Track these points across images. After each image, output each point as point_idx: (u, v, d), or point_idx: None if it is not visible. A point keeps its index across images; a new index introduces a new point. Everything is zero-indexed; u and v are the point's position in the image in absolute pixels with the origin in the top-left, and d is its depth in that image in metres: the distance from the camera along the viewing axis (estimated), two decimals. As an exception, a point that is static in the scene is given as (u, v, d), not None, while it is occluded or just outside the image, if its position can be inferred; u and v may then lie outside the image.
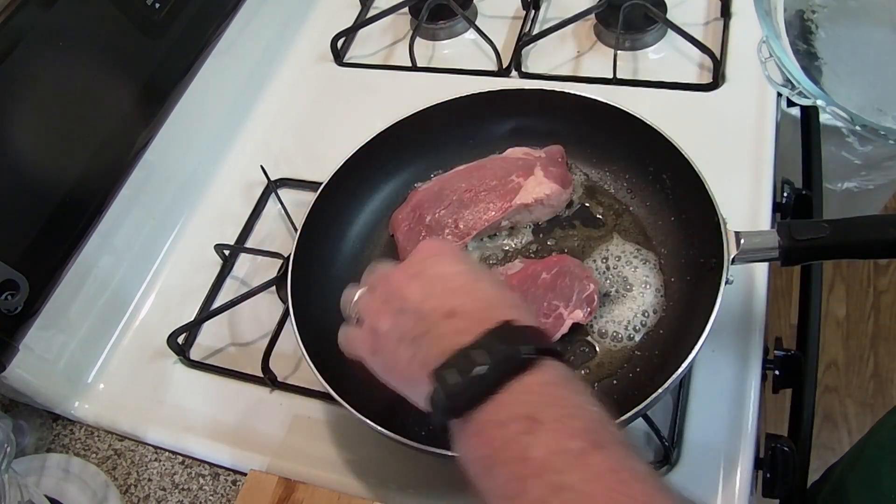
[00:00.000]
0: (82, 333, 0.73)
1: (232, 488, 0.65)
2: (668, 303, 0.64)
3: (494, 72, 0.90)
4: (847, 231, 0.55)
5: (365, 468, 0.63)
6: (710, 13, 0.91)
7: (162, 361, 0.74)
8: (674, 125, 0.66)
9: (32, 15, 0.63)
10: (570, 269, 0.64)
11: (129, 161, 0.74)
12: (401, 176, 0.75)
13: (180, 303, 0.78)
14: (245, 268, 0.80)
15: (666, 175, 0.68)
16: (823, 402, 1.60)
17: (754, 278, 0.68)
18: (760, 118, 0.78)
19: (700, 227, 0.61)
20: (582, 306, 0.62)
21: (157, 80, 0.76)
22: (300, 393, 0.69)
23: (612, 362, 0.62)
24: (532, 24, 0.94)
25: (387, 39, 0.99)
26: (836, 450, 1.55)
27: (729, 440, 0.60)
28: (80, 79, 0.68)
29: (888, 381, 1.63)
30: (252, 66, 0.94)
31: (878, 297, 1.75)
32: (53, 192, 0.66)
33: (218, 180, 0.87)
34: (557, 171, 0.70)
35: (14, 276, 0.61)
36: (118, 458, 0.69)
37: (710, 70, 0.83)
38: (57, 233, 0.66)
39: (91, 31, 0.69)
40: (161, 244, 0.82)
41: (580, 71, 0.89)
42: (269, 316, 0.74)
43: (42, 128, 0.65)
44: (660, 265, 0.66)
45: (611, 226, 0.70)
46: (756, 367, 0.63)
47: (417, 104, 0.73)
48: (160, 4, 0.75)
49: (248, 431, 0.68)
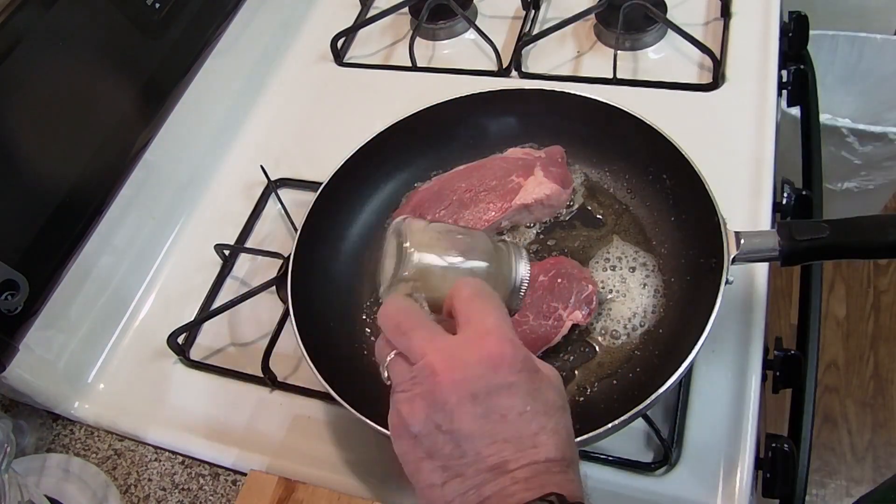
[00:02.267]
0: (82, 333, 0.73)
1: (232, 488, 0.65)
2: (668, 303, 0.64)
3: (494, 72, 0.90)
4: (847, 231, 0.55)
5: (365, 468, 0.63)
6: (710, 13, 0.91)
7: (162, 361, 0.74)
8: (674, 125, 0.66)
9: (32, 15, 0.63)
10: (568, 271, 0.64)
11: (129, 161, 0.74)
12: (401, 176, 0.75)
13: (180, 303, 0.78)
14: (245, 268, 0.80)
15: (666, 175, 0.68)
16: (823, 402, 1.61)
17: (754, 278, 0.68)
18: (760, 118, 0.78)
19: (700, 227, 0.61)
20: (581, 307, 0.62)
21: (157, 80, 0.76)
22: (300, 393, 0.69)
23: (612, 362, 0.62)
24: (532, 24, 0.94)
25: (387, 39, 0.99)
26: (836, 450, 1.55)
27: (729, 440, 0.60)
28: (80, 79, 0.68)
29: (888, 381, 1.63)
30: (252, 66, 0.94)
31: (878, 297, 1.75)
32: (53, 192, 0.66)
33: (218, 180, 0.87)
34: (557, 171, 0.70)
35: (14, 276, 0.61)
36: (118, 458, 0.69)
37: (710, 70, 0.83)
38: (57, 233, 0.66)
39: (91, 32, 0.69)
40: (161, 244, 0.82)
41: (580, 71, 0.89)
42: (269, 316, 0.74)
43: (42, 128, 0.65)
44: (660, 265, 0.66)
45: (611, 226, 0.70)
46: (756, 367, 0.63)
47: (417, 104, 0.73)
48: (160, 4, 0.75)
49: (248, 431, 0.68)
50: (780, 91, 0.85)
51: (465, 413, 0.39)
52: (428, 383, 0.40)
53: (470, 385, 0.39)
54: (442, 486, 0.39)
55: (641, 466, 0.59)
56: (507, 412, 0.39)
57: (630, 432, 0.60)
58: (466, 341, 0.41)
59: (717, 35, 0.86)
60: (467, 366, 0.40)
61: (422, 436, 0.40)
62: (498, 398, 0.39)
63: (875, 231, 0.54)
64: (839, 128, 1.38)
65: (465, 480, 0.39)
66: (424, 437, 0.40)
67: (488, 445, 0.39)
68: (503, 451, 0.38)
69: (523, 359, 0.41)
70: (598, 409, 0.59)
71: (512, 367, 0.40)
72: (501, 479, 0.38)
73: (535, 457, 0.39)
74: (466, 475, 0.39)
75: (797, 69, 0.90)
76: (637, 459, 0.60)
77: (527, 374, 0.41)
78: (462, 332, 0.42)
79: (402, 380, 0.42)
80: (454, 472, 0.39)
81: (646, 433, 0.61)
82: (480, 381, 0.39)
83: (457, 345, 0.41)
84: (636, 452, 0.60)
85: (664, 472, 0.59)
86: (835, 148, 1.41)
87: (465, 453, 0.39)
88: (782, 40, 0.86)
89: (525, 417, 0.39)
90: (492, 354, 0.40)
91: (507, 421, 0.39)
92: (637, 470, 0.60)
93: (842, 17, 1.54)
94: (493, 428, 0.39)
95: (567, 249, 0.69)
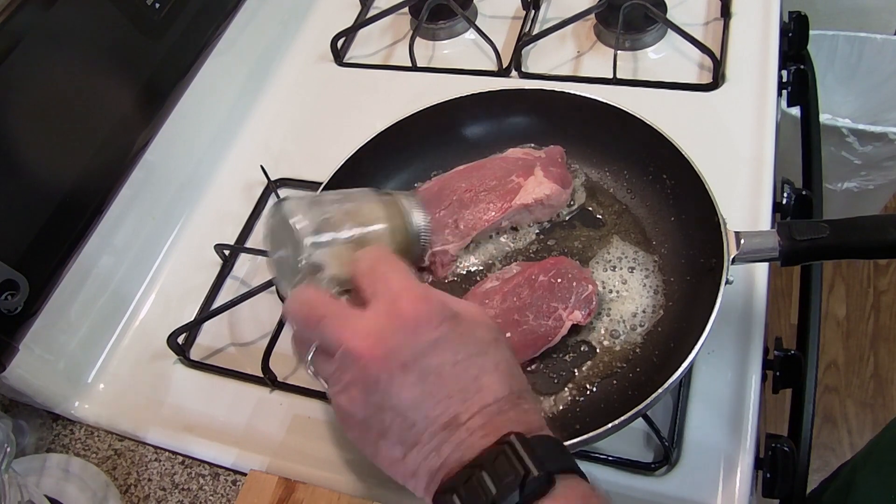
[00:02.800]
0: (82, 333, 0.73)
1: (232, 488, 0.65)
2: (668, 303, 0.64)
3: (494, 72, 0.90)
4: (847, 231, 0.55)
5: (365, 468, 0.63)
6: (710, 13, 0.91)
7: (162, 361, 0.74)
8: (674, 125, 0.66)
9: (32, 15, 0.63)
10: (567, 271, 0.64)
11: (129, 161, 0.74)
12: (401, 176, 0.75)
13: (180, 303, 0.78)
14: (245, 268, 0.80)
15: (666, 175, 0.68)
16: (823, 402, 1.61)
17: (754, 278, 0.68)
18: (760, 118, 0.78)
19: (700, 227, 0.61)
20: (581, 307, 0.62)
21: (157, 80, 0.76)
22: (300, 393, 0.69)
23: (612, 362, 0.62)
24: (532, 24, 0.94)
25: (387, 39, 0.99)
26: (836, 450, 1.55)
27: (729, 440, 0.60)
28: (80, 79, 0.68)
29: (888, 381, 1.63)
30: (252, 67, 0.94)
31: (878, 297, 1.75)
32: (53, 192, 0.66)
33: (218, 180, 0.87)
34: (557, 172, 0.70)
35: (14, 276, 0.61)
36: (118, 458, 0.69)
37: (710, 70, 0.83)
38: (57, 233, 0.66)
39: (91, 31, 0.69)
40: (161, 244, 0.82)
41: (580, 71, 0.89)
42: (269, 316, 0.74)
43: (42, 128, 0.65)
44: (660, 265, 0.66)
45: (611, 226, 0.70)
46: (756, 367, 0.63)
47: (417, 104, 0.73)
48: (160, 4, 0.75)
49: (248, 431, 0.68)
50: (780, 91, 0.85)
51: (401, 385, 0.38)
52: (354, 369, 0.40)
53: (396, 357, 0.39)
54: (403, 459, 0.39)
55: (641, 466, 0.59)
56: (440, 369, 0.39)
57: (630, 432, 0.60)
58: (378, 314, 0.41)
59: (717, 35, 0.87)
60: (387, 339, 0.39)
61: (368, 419, 0.40)
62: (427, 359, 0.39)
63: (875, 231, 0.54)
64: (839, 128, 1.38)
65: (423, 446, 0.39)
66: (371, 419, 0.40)
67: (434, 406, 0.38)
68: (450, 407, 0.38)
69: (439, 310, 0.41)
70: (598, 409, 0.59)
71: (430, 323, 0.40)
72: (457, 433, 0.38)
73: (483, 401, 0.39)
74: (422, 441, 0.39)
75: (797, 69, 0.90)
76: (637, 459, 0.60)
77: (448, 324, 0.40)
78: (372, 306, 0.41)
79: (328, 374, 0.41)
80: (410, 443, 0.39)
81: (646, 433, 0.61)
82: (405, 350, 0.39)
83: (370, 321, 0.41)
84: (636, 452, 0.60)
85: (664, 473, 0.59)
86: (835, 148, 1.42)
87: (415, 422, 0.39)
88: (782, 40, 0.86)
89: (461, 366, 0.39)
90: (407, 319, 0.40)
91: (444, 377, 0.39)
92: (637, 470, 0.60)
93: (842, 17, 1.54)
94: (432, 389, 0.39)
95: (567, 249, 0.69)
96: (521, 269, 0.66)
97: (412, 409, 0.39)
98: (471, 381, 0.39)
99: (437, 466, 0.38)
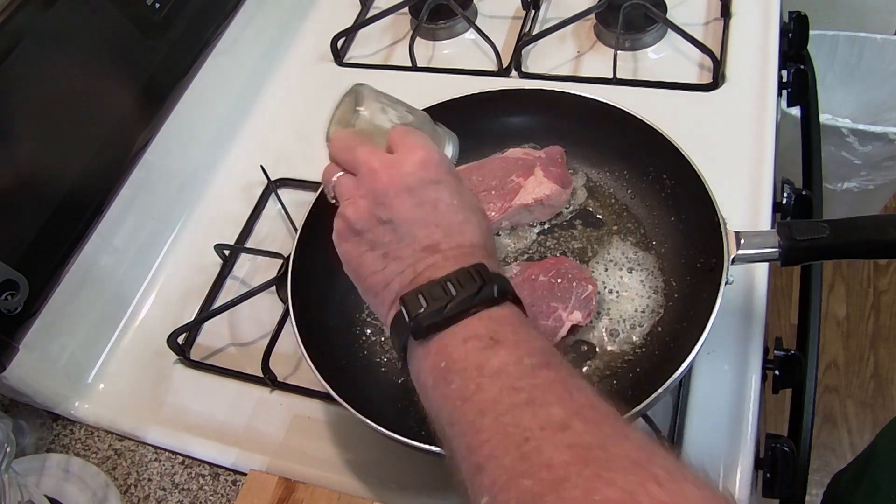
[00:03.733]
0: (82, 333, 0.73)
1: (232, 488, 0.65)
2: (668, 303, 0.64)
3: (494, 72, 0.90)
4: (847, 231, 0.55)
5: (365, 468, 0.63)
6: (710, 13, 0.91)
7: (162, 361, 0.74)
8: (674, 125, 0.65)
9: (32, 15, 0.63)
10: (567, 271, 0.64)
11: (129, 161, 0.74)
12: (401, 176, 0.75)
13: (180, 303, 0.78)
14: (245, 268, 0.80)
15: (666, 175, 0.68)
16: (823, 402, 1.61)
17: (754, 278, 0.68)
18: (760, 118, 0.78)
19: (700, 227, 0.61)
20: (581, 307, 0.62)
21: (157, 80, 0.76)
22: (300, 393, 0.69)
23: (612, 362, 0.62)
24: (532, 24, 0.94)
25: (387, 39, 0.99)
26: (836, 450, 1.55)
27: (729, 440, 0.60)
28: (80, 79, 0.68)
29: (888, 381, 1.63)
30: (252, 66, 0.94)
31: (878, 297, 1.75)
32: (53, 192, 0.66)
33: (218, 180, 0.87)
34: (557, 172, 0.70)
35: (14, 276, 0.62)
36: (118, 458, 0.69)
37: (710, 70, 0.83)
38: (57, 233, 0.66)
39: (91, 31, 0.69)
40: (161, 244, 0.82)
41: (580, 71, 0.89)
42: (269, 316, 0.74)
43: (42, 128, 0.65)
44: (660, 265, 0.66)
45: (611, 226, 0.70)
46: (756, 367, 0.63)
47: (417, 104, 0.73)
48: (160, 4, 0.75)
49: (248, 431, 0.68)
50: (780, 91, 0.85)
51: (403, 202, 0.45)
52: (369, 182, 0.47)
53: (405, 179, 0.46)
54: (383, 270, 0.46)
55: (641, 466, 0.59)
56: (437, 203, 0.46)
57: (630, 432, 0.60)
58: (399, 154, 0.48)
59: (717, 35, 0.87)
60: (402, 167, 0.46)
61: (364, 231, 0.46)
62: (429, 191, 0.46)
63: (875, 231, 0.54)
64: (839, 128, 1.38)
65: (403, 261, 0.45)
66: (367, 231, 0.46)
67: (422, 229, 0.45)
68: (434, 234, 0.45)
69: (448, 167, 0.48)
70: (598, 409, 0.59)
71: (440, 167, 0.47)
72: (433, 256, 0.45)
73: (461, 240, 0.46)
74: (403, 256, 0.45)
75: (797, 69, 0.90)
76: (637, 459, 0.60)
77: (452, 176, 0.48)
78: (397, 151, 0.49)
79: (346, 189, 0.48)
80: (393, 256, 0.45)
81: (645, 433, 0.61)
82: (414, 177, 0.46)
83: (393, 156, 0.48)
84: (636, 452, 0.60)
85: (664, 472, 0.59)
86: (835, 148, 1.42)
87: (403, 237, 0.45)
88: (782, 40, 0.86)
89: (452, 209, 0.46)
90: (422, 157, 0.47)
91: (438, 210, 0.46)
92: (637, 470, 0.59)
93: (842, 17, 1.54)
94: (426, 215, 0.46)
95: (567, 249, 0.69)
96: (521, 269, 0.66)
97: (404, 224, 0.45)
98: (456, 223, 0.46)
99: (409, 279, 0.44)
